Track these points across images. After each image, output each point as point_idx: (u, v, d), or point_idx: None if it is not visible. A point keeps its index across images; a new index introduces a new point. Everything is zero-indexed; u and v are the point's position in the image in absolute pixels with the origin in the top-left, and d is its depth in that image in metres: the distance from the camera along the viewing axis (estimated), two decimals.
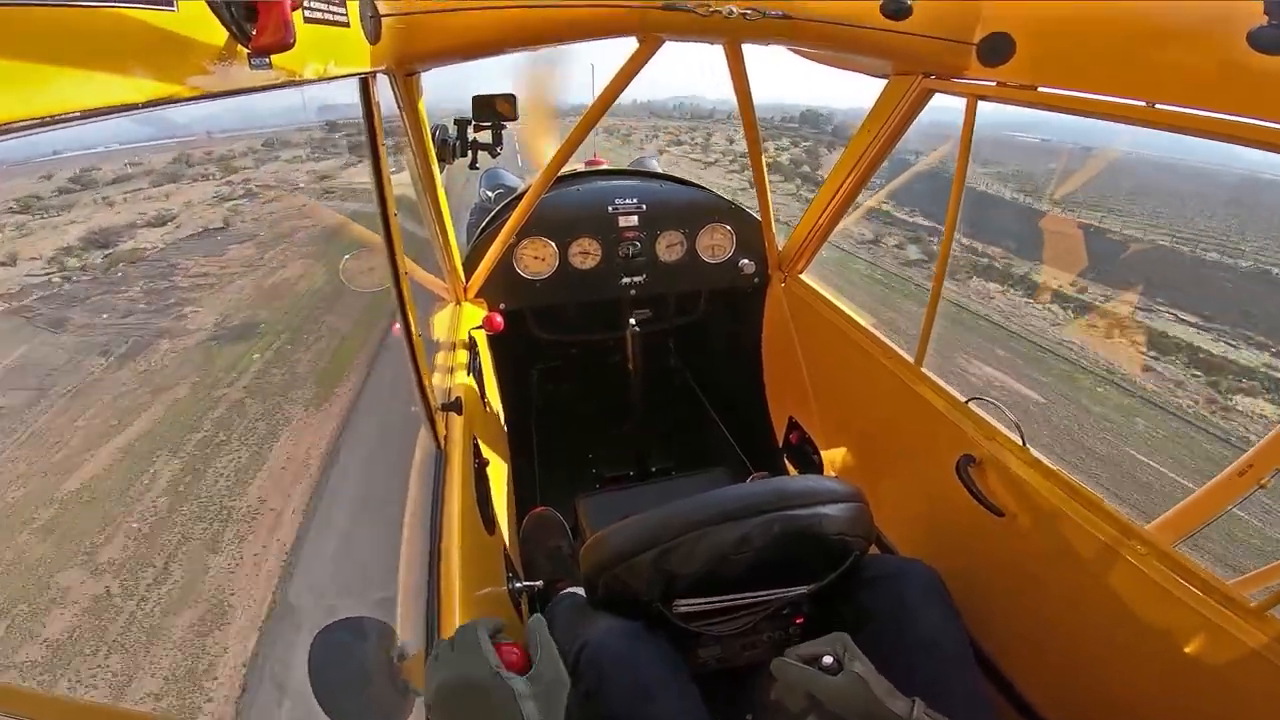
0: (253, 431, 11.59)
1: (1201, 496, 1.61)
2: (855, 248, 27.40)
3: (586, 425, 3.21)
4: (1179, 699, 1.23)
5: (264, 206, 30.19)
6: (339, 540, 8.48)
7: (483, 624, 0.85)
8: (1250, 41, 1.03)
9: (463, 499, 1.41)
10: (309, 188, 35.34)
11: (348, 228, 24.27)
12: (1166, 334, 21.07)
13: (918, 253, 27.11)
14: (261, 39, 0.68)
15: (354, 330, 15.57)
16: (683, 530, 1.22)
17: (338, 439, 11.13)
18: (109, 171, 36.30)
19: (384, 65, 1.30)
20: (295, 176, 38.48)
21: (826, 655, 0.98)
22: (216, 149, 43.74)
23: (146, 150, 41.53)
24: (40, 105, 0.45)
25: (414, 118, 1.69)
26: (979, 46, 1.55)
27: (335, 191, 33.24)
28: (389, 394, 11.69)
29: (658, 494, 2.42)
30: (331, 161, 41.54)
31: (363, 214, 1.76)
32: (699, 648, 1.41)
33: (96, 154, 38.56)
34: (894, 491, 2.03)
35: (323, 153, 44.42)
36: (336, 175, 37.80)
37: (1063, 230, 31.85)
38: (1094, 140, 34.51)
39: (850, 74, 1.95)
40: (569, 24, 1.51)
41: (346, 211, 27.78)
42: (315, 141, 46.03)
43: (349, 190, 31.67)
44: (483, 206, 3.63)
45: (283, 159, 43.54)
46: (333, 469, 10.11)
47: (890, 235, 28.92)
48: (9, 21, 0.43)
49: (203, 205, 29.80)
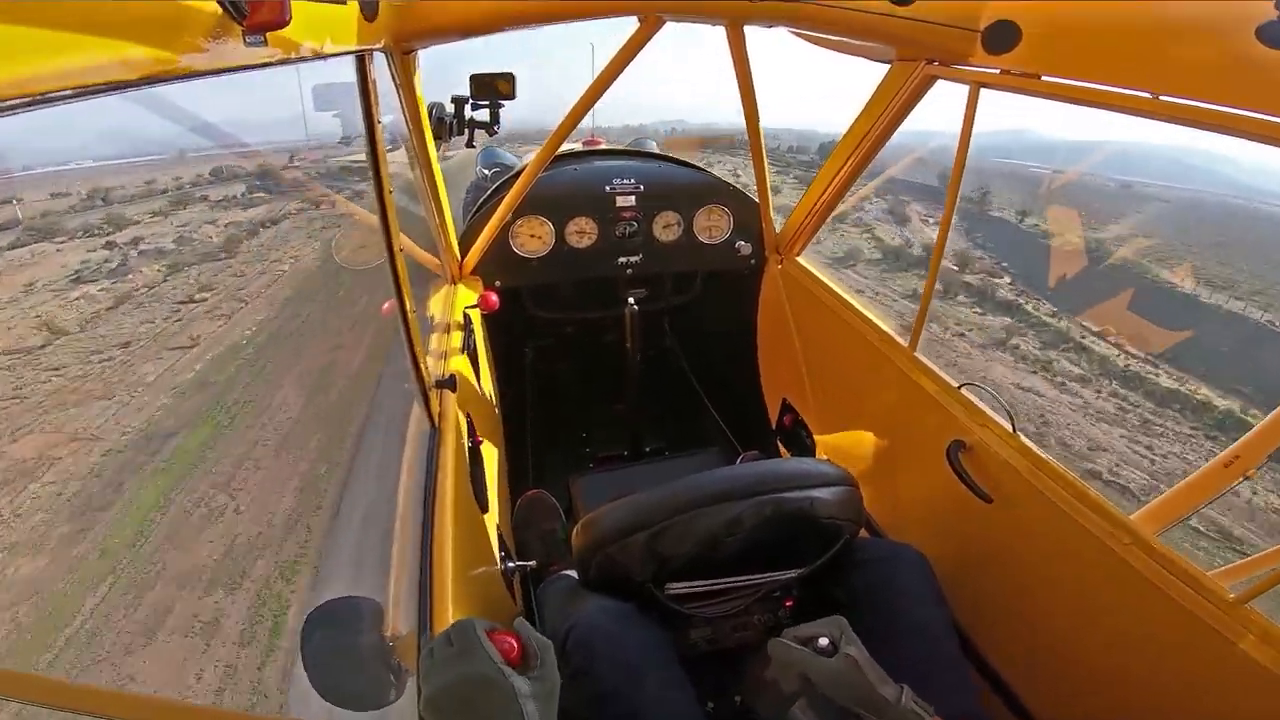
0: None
1: (1187, 487, 1.63)
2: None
3: (581, 404, 3.22)
4: (1159, 687, 1.26)
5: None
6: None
7: (479, 622, 0.85)
8: (1259, 36, 1.03)
9: (456, 477, 1.41)
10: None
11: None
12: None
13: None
14: (257, 16, 0.67)
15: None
16: (675, 511, 1.23)
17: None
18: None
19: (380, 43, 1.28)
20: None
21: (823, 637, 0.99)
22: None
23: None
24: (34, 83, 0.45)
25: (410, 96, 1.67)
26: (984, 34, 1.54)
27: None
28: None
29: (651, 474, 2.43)
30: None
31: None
32: (690, 629, 1.43)
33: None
34: (885, 475, 2.04)
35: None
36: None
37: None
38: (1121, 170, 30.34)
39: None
40: (569, 3, 1.49)
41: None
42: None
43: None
44: (479, 184, 3.60)
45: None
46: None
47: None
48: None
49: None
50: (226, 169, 25.56)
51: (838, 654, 0.96)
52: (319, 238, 20.20)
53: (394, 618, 1.13)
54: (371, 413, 10.62)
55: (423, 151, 1.86)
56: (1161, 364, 17.80)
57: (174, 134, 2.80)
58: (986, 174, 26.72)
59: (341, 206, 21.46)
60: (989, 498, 1.58)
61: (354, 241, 1.64)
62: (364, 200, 1.46)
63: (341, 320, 14.92)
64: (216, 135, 1.21)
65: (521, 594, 1.84)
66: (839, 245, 23.80)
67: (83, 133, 20.84)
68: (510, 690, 0.77)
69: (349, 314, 15.04)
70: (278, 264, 18.93)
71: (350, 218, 1.64)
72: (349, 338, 14.05)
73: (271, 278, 18.06)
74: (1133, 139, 34.40)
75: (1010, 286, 22.19)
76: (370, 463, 8.90)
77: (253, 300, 16.59)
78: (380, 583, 1.28)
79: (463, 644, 0.81)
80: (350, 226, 1.59)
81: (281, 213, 22.42)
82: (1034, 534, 1.49)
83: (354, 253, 1.64)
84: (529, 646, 0.85)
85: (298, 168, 24.16)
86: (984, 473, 1.61)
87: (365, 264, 1.63)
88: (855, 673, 0.94)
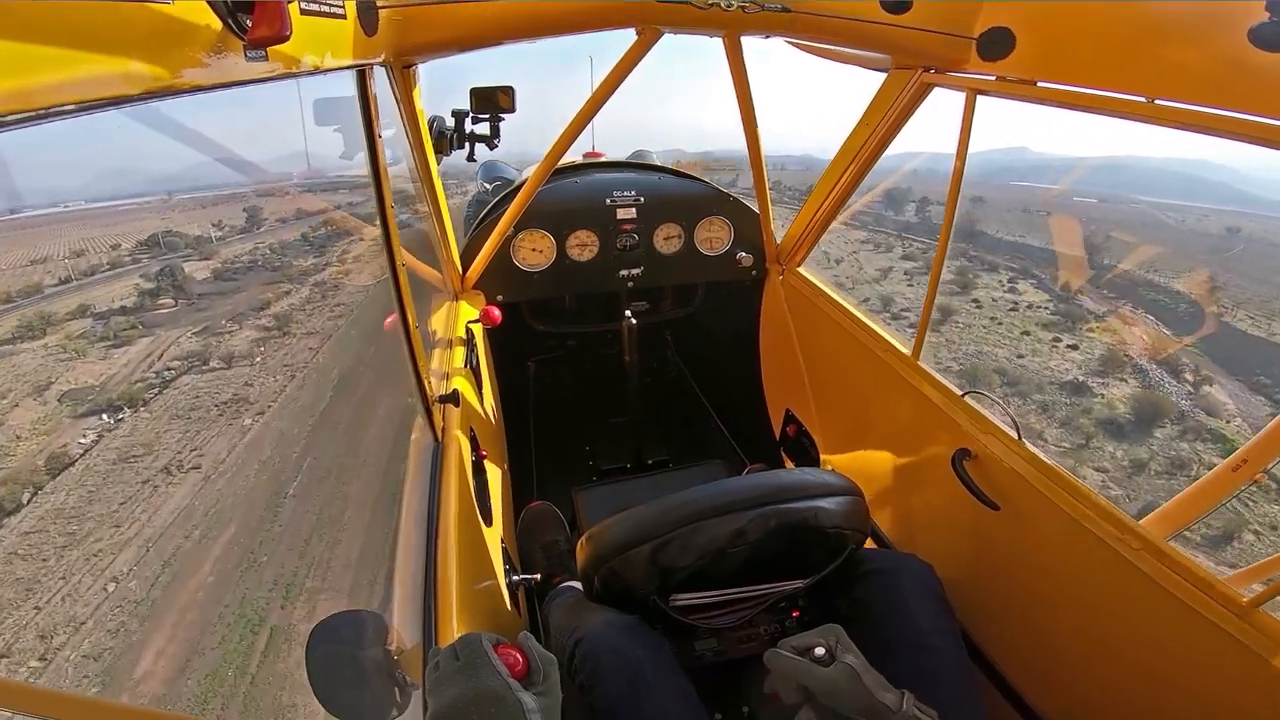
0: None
1: (1195, 491, 1.62)
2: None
3: (584, 417, 3.21)
4: (1171, 693, 1.24)
5: None
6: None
7: (486, 636, 0.84)
8: (1251, 37, 1.03)
9: (460, 490, 1.41)
10: None
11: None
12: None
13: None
14: (258, 31, 0.67)
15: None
16: (679, 524, 1.22)
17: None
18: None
19: (380, 57, 1.29)
20: None
21: (819, 646, 0.98)
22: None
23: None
24: (37, 98, 0.45)
25: (410, 109, 1.68)
26: (979, 41, 1.55)
27: None
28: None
29: (655, 486, 2.42)
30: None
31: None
32: (696, 640, 1.42)
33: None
34: (890, 485, 2.03)
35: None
36: None
37: None
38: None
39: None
40: (567, 16, 1.50)
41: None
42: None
43: None
44: (480, 199, 3.61)
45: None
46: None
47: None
48: (5, 13, 0.42)
49: None
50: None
51: (835, 663, 0.95)
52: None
53: (398, 631, 1.13)
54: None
55: (424, 165, 1.87)
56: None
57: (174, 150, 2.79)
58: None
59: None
60: (996, 506, 1.57)
61: (356, 256, 1.64)
62: (365, 215, 1.46)
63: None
64: (217, 152, 1.21)
65: (526, 607, 1.83)
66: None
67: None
68: (518, 706, 0.76)
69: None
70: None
71: (352, 233, 1.65)
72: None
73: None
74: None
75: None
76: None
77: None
78: (384, 597, 1.27)
79: (469, 658, 0.80)
80: (352, 242, 1.58)
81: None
82: (1042, 541, 1.47)
83: (356, 268, 1.64)
84: (534, 661, 0.84)
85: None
86: (990, 481, 1.59)
87: (368, 279, 1.63)
88: (853, 681, 0.93)
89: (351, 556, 8.02)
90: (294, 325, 16.05)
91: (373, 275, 1.54)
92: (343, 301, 16.24)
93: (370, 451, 9.72)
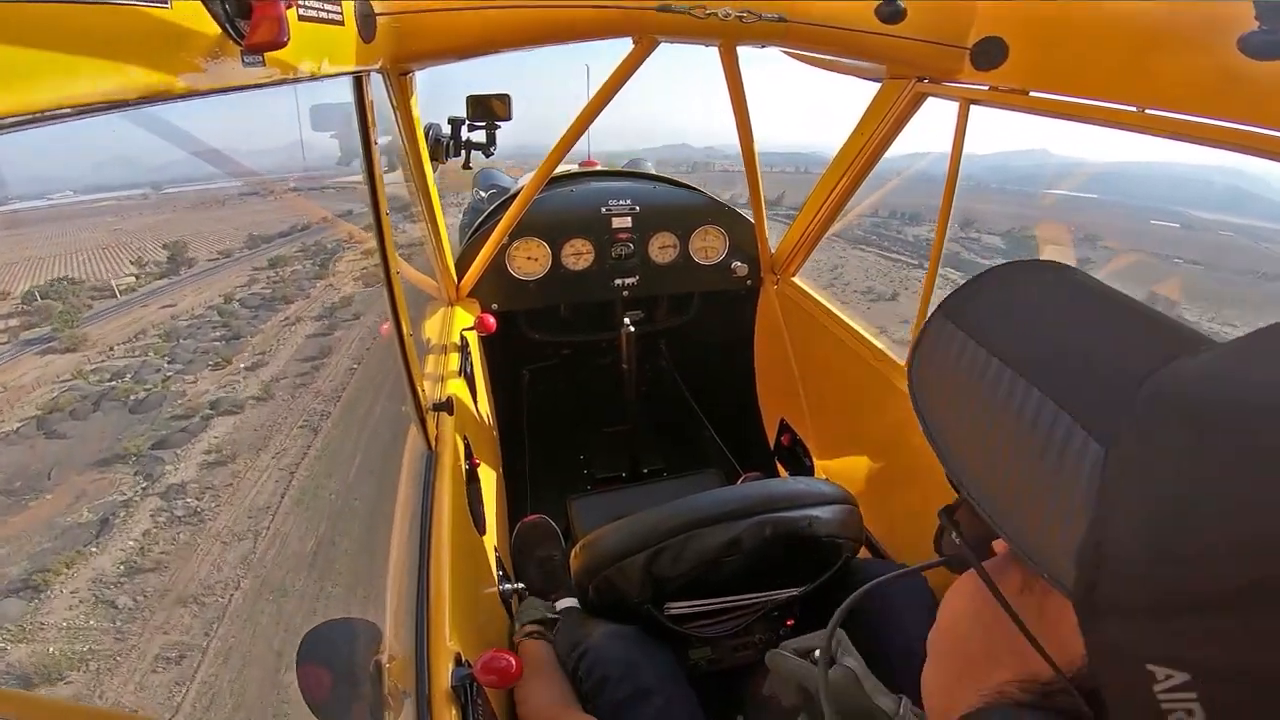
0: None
1: None
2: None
3: (578, 426, 3.20)
4: None
5: None
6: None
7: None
8: (1241, 46, 1.04)
9: (453, 499, 1.40)
10: None
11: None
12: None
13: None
14: (255, 37, 0.67)
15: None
16: (673, 532, 1.22)
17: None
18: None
19: (378, 64, 1.29)
20: None
21: (820, 649, 0.98)
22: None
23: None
24: (31, 102, 0.45)
25: (407, 117, 1.68)
26: (972, 50, 1.56)
27: None
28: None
29: (650, 495, 2.41)
30: None
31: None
32: (690, 649, 1.41)
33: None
34: (885, 494, 2.03)
35: None
36: None
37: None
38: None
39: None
40: (564, 25, 1.50)
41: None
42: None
43: None
44: (476, 207, 3.61)
45: None
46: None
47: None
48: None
49: None
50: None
51: (835, 665, 0.95)
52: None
53: (390, 640, 1.12)
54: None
55: (419, 173, 1.87)
56: None
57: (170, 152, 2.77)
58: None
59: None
60: None
61: (350, 263, 1.63)
62: (360, 221, 1.46)
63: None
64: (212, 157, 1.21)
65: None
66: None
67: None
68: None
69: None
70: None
71: (347, 240, 1.64)
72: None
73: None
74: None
75: None
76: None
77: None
78: (377, 605, 1.26)
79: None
80: (347, 248, 1.58)
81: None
82: None
83: (350, 274, 1.63)
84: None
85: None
86: None
87: (362, 285, 1.62)
88: (853, 683, 0.93)
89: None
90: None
91: (367, 282, 1.53)
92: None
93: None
